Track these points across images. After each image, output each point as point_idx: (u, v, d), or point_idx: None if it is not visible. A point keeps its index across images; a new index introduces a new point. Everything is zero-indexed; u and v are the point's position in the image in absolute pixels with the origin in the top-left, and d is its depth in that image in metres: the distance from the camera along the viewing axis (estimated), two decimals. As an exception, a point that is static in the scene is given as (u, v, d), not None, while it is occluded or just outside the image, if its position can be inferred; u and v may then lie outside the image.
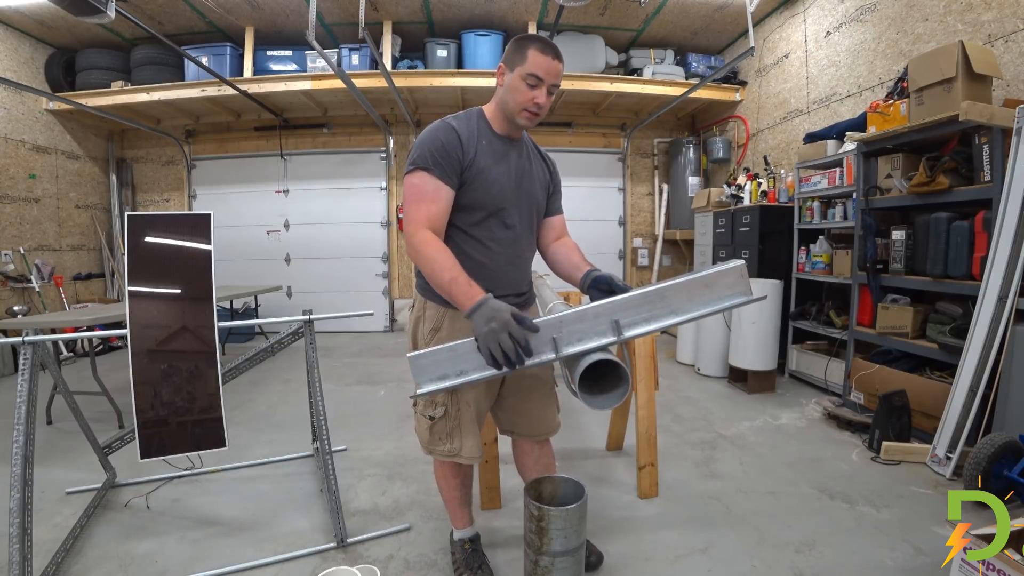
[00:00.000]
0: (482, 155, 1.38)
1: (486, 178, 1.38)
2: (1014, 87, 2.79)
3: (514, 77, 1.36)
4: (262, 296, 5.75)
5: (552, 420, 1.65)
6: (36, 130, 5.24)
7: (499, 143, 1.44)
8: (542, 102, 1.36)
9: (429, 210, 1.32)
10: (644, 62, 5.68)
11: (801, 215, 3.97)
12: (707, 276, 1.23)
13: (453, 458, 1.51)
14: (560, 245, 1.61)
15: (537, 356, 1.20)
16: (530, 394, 1.59)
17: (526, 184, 1.48)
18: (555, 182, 1.62)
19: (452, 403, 1.47)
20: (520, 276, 1.52)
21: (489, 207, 1.40)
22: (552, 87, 1.37)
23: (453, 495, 1.66)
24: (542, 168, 1.57)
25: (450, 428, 1.49)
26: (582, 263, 1.50)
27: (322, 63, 4.98)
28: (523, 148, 1.51)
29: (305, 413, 2.59)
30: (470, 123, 1.41)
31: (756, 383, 3.67)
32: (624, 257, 6.66)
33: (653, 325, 1.23)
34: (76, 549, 1.84)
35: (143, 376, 1.74)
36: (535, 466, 1.69)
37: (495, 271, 1.43)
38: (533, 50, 1.33)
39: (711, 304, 1.23)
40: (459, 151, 1.35)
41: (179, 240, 1.82)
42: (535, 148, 1.59)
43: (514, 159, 1.46)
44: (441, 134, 1.35)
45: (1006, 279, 2.28)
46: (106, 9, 2.95)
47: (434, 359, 1.21)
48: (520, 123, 1.40)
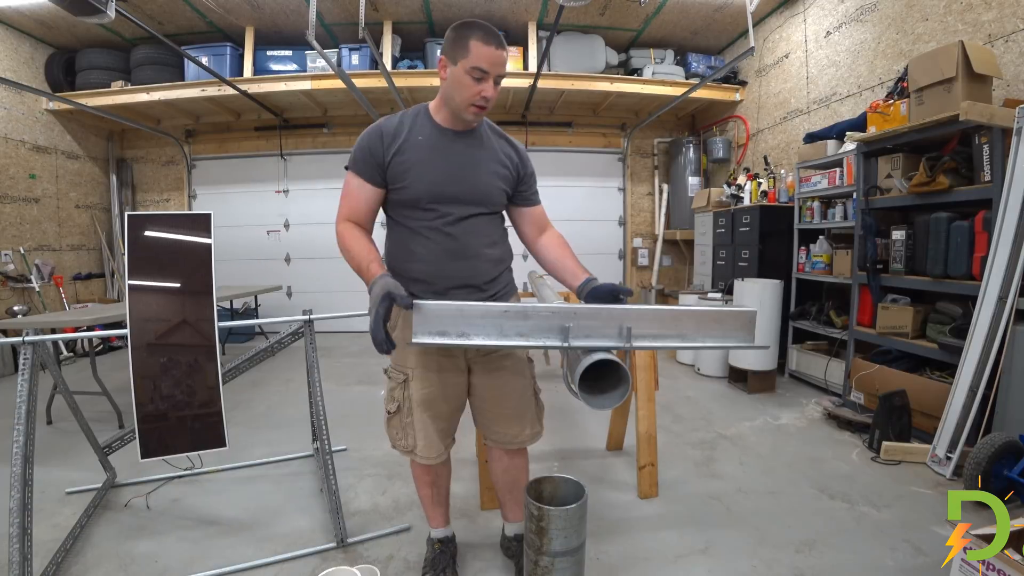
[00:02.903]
0: (412, 149, 1.38)
1: (417, 171, 1.38)
2: (1014, 87, 2.78)
3: (457, 71, 1.30)
4: (262, 296, 5.75)
5: (522, 431, 1.57)
6: (36, 130, 5.23)
7: (439, 136, 1.41)
8: (489, 95, 1.31)
9: (348, 206, 1.42)
10: (644, 62, 5.68)
11: (801, 215, 3.97)
12: (720, 313, 1.29)
13: (411, 455, 1.53)
14: (548, 243, 1.56)
15: (542, 339, 1.21)
16: (503, 400, 1.55)
17: (474, 176, 1.43)
18: (524, 171, 1.53)
19: (404, 400, 1.49)
20: (473, 268, 1.44)
21: (423, 199, 1.39)
22: (499, 77, 1.32)
23: (424, 493, 1.67)
24: (504, 157, 1.48)
25: (404, 425, 1.51)
26: (577, 269, 1.47)
27: (322, 63, 4.98)
28: (476, 138, 1.45)
29: (305, 413, 2.59)
30: (404, 119, 1.41)
31: (756, 383, 3.67)
32: (624, 257, 6.66)
33: (660, 343, 1.28)
34: (76, 549, 1.84)
35: (143, 369, 1.74)
36: (502, 476, 1.66)
37: (434, 262, 1.41)
38: (475, 40, 1.26)
39: (716, 339, 1.30)
40: (380, 149, 1.37)
41: (179, 234, 1.82)
42: (499, 137, 1.51)
43: (459, 149, 1.42)
44: (366, 136, 1.40)
45: (1006, 279, 2.28)
46: (106, 9, 2.94)
47: (439, 312, 1.19)
48: (467, 118, 1.36)
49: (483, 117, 1.39)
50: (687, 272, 6.41)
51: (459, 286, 1.43)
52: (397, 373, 1.52)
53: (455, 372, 1.50)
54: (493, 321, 1.21)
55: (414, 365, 1.48)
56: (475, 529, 1.98)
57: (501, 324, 1.22)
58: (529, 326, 1.22)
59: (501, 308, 1.22)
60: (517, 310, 1.22)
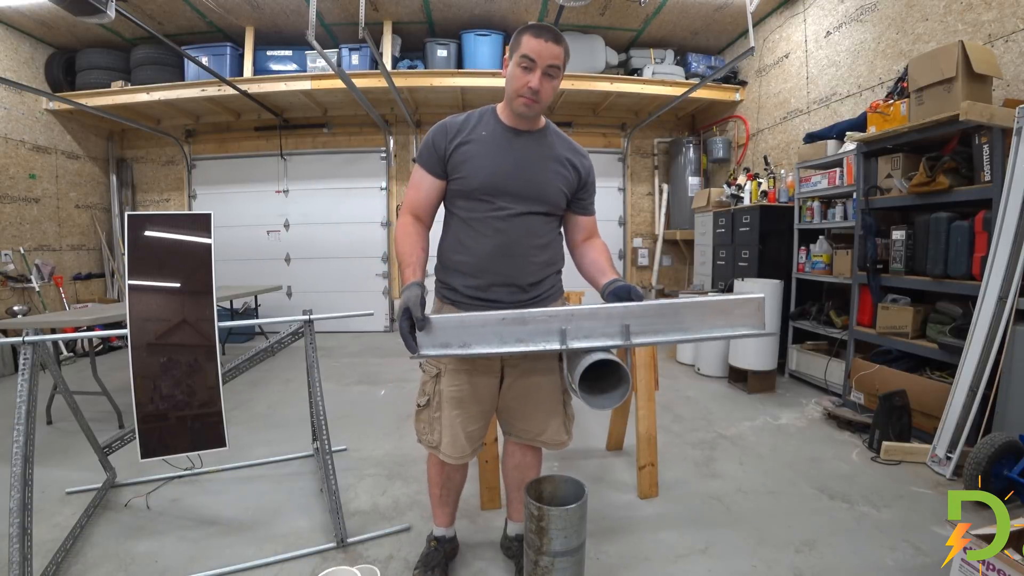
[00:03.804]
0: (476, 143, 1.42)
1: (477, 162, 1.41)
2: (1014, 87, 2.79)
3: (512, 64, 1.37)
4: (262, 296, 5.74)
5: (544, 430, 1.57)
6: (36, 130, 5.23)
7: (503, 133, 1.45)
8: (535, 85, 1.33)
9: (411, 196, 1.48)
10: (644, 62, 5.68)
11: (801, 215, 3.97)
12: (725, 302, 1.25)
13: (435, 451, 1.54)
14: (588, 247, 1.57)
15: (541, 343, 1.21)
16: (531, 400, 1.56)
17: (532, 173, 1.44)
18: (584, 181, 1.55)
19: (435, 395, 1.51)
20: (519, 267, 1.45)
21: (480, 189, 1.41)
22: (550, 69, 1.34)
23: (433, 490, 1.68)
24: (567, 161, 1.50)
25: (431, 420, 1.52)
26: (608, 269, 1.48)
27: (322, 63, 4.98)
28: (540, 140, 1.48)
29: (305, 413, 2.59)
30: (471, 117, 1.47)
31: (756, 383, 3.67)
32: (624, 257, 6.66)
33: (661, 338, 1.25)
34: (76, 549, 1.84)
35: (143, 370, 1.74)
36: (512, 472, 1.68)
37: (483, 257, 1.42)
38: (527, 35, 1.34)
39: (721, 330, 1.26)
40: (444, 141, 1.43)
41: (179, 234, 1.82)
42: (565, 142, 1.53)
43: (521, 146, 1.45)
44: (432, 131, 1.46)
45: (1006, 279, 2.28)
46: (106, 9, 2.95)
47: (442, 325, 1.23)
48: (518, 110, 1.39)
49: (535, 111, 1.39)
50: (687, 272, 6.41)
51: (502, 283, 1.43)
52: (430, 367, 1.52)
53: (488, 374, 1.49)
54: (492, 329, 1.22)
55: (448, 361, 1.48)
56: (475, 529, 1.98)
57: (500, 331, 1.23)
58: (527, 331, 1.23)
59: (499, 316, 1.23)
60: (515, 317, 1.23)
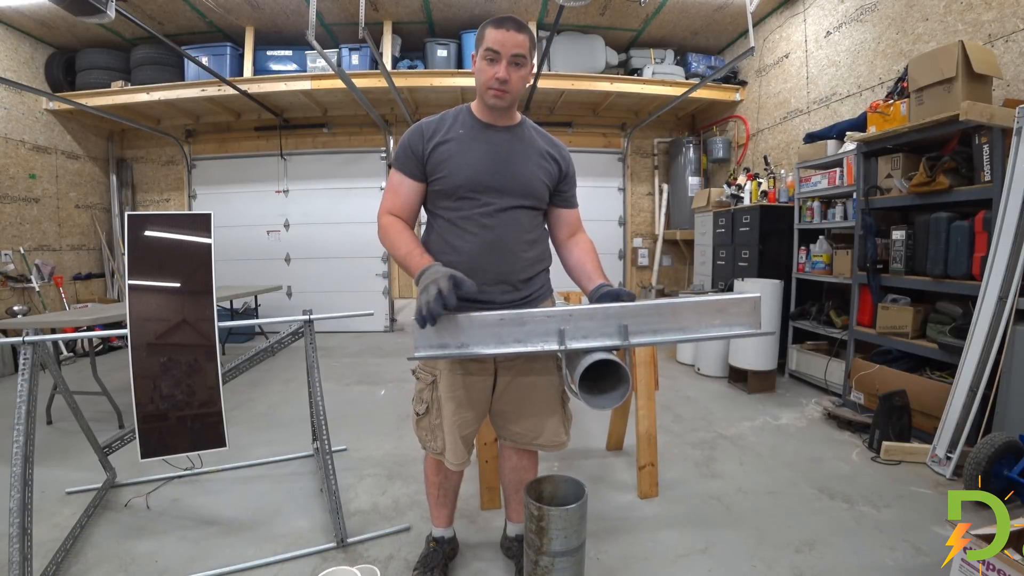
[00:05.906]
0: (454, 141, 1.41)
1: (457, 160, 1.40)
2: (1014, 87, 2.79)
3: (478, 59, 1.38)
4: (262, 296, 5.75)
5: (540, 434, 1.55)
6: (36, 130, 5.23)
7: (481, 129, 1.44)
8: (502, 75, 1.33)
9: (390, 200, 1.46)
10: (644, 62, 5.68)
11: (801, 215, 3.97)
12: (721, 301, 1.25)
13: (440, 458, 1.53)
14: (574, 246, 1.55)
15: (539, 344, 1.21)
16: (526, 402, 1.53)
17: (514, 167, 1.43)
18: (565, 173, 1.53)
19: (433, 402, 1.50)
20: (509, 263, 1.43)
21: (462, 187, 1.40)
22: (515, 58, 1.33)
23: (431, 491, 1.69)
24: (547, 153, 1.49)
25: (432, 427, 1.51)
26: (595, 273, 1.46)
27: (322, 63, 4.98)
28: (518, 134, 1.47)
29: (305, 413, 2.59)
30: (446, 117, 1.46)
31: (756, 383, 3.67)
32: (624, 257, 6.66)
33: (659, 337, 1.25)
34: (76, 549, 1.84)
35: (143, 369, 1.74)
36: (510, 475, 1.68)
37: (473, 255, 1.40)
38: (489, 28, 1.35)
39: (718, 329, 1.26)
40: (421, 143, 1.42)
41: (179, 234, 1.82)
42: (542, 135, 1.52)
43: (500, 141, 1.43)
44: (407, 133, 1.45)
45: (1006, 279, 2.28)
46: (106, 9, 2.94)
47: (440, 326, 1.21)
48: (490, 102, 1.38)
49: (507, 101, 1.38)
50: (687, 272, 6.41)
51: (494, 281, 1.42)
52: (425, 374, 1.51)
53: (483, 375, 1.48)
54: (491, 330, 1.22)
55: (443, 366, 1.47)
56: (475, 529, 1.98)
57: (499, 332, 1.22)
58: (525, 331, 1.22)
59: (497, 316, 1.22)
60: (513, 317, 1.22)
